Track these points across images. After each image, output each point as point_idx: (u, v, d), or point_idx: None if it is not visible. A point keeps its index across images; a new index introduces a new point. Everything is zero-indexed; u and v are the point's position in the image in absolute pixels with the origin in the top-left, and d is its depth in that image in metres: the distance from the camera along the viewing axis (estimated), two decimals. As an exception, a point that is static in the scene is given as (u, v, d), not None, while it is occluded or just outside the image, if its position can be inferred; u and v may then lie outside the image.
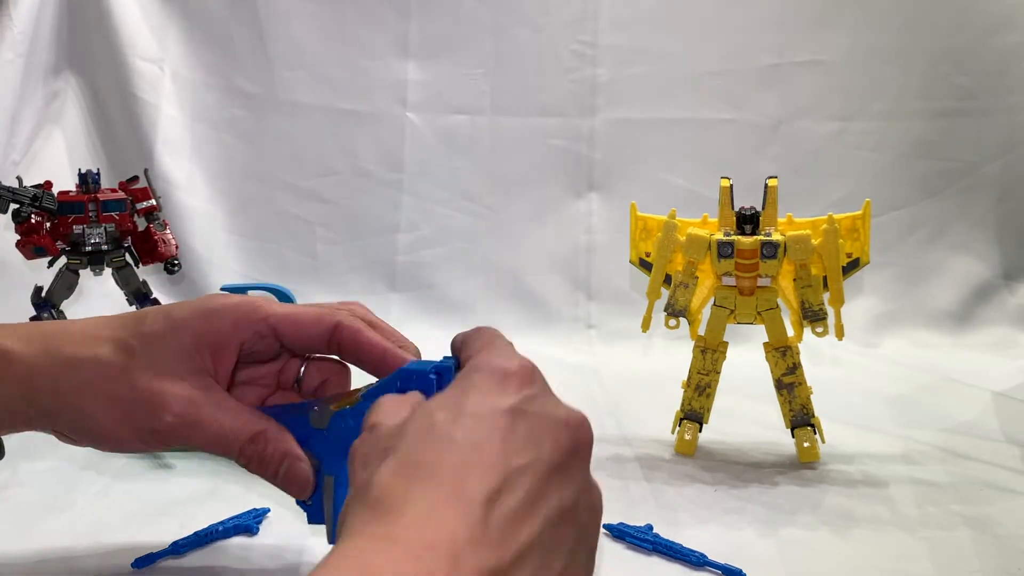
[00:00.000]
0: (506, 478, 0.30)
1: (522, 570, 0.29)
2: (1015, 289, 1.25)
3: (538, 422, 0.33)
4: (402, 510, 0.29)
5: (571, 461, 0.34)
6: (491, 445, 0.31)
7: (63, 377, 0.45)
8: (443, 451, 0.31)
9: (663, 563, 0.58)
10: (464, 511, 0.29)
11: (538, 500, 0.31)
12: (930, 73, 1.25)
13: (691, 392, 0.78)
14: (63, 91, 1.29)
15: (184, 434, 0.45)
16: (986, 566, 0.58)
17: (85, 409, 0.45)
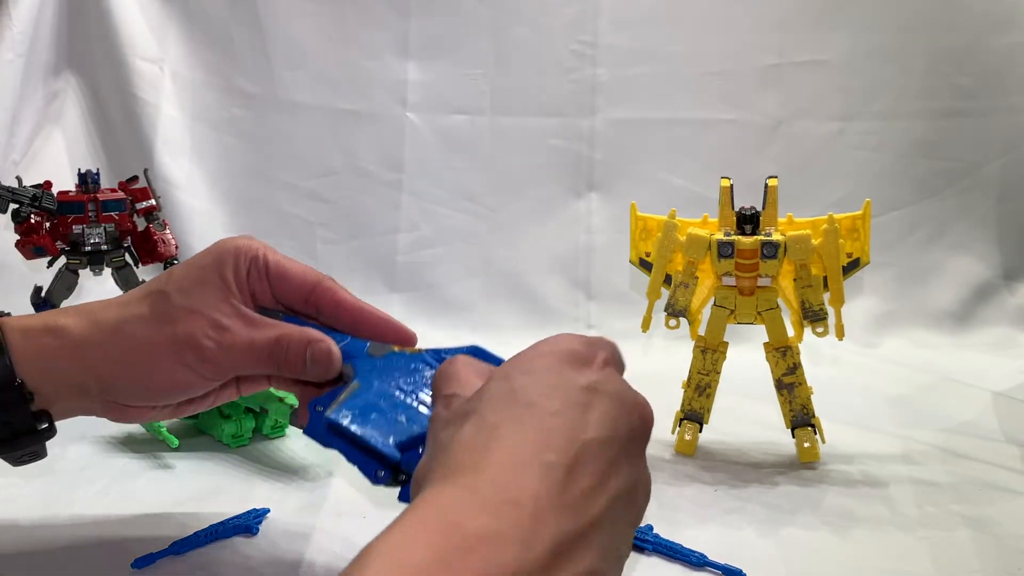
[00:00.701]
0: (584, 449, 0.31)
1: (591, 540, 0.30)
2: (1015, 289, 1.25)
3: (613, 402, 0.34)
4: (484, 466, 0.29)
5: (637, 444, 0.35)
6: (571, 416, 0.32)
7: (111, 343, 0.48)
8: (525, 415, 0.32)
9: (663, 563, 0.58)
10: (545, 475, 0.29)
11: (609, 476, 0.32)
12: (930, 73, 1.25)
13: (691, 392, 0.78)
14: (63, 91, 1.29)
15: (225, 356, 0.49)
16: (986, 566, 0.58)
17: (137, 364, 0.48)
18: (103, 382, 0.49)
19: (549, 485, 0.29)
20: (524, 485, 0.29)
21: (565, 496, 0.29)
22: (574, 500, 0.29)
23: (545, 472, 0.29)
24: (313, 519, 0.63)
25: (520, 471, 0.29)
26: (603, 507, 0.31)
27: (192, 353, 0.48)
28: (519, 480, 0.29)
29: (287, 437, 0.79)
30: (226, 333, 0.48)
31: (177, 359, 0.48)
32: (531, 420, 0.31)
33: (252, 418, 0.77)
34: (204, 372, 0.49)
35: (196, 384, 0.50)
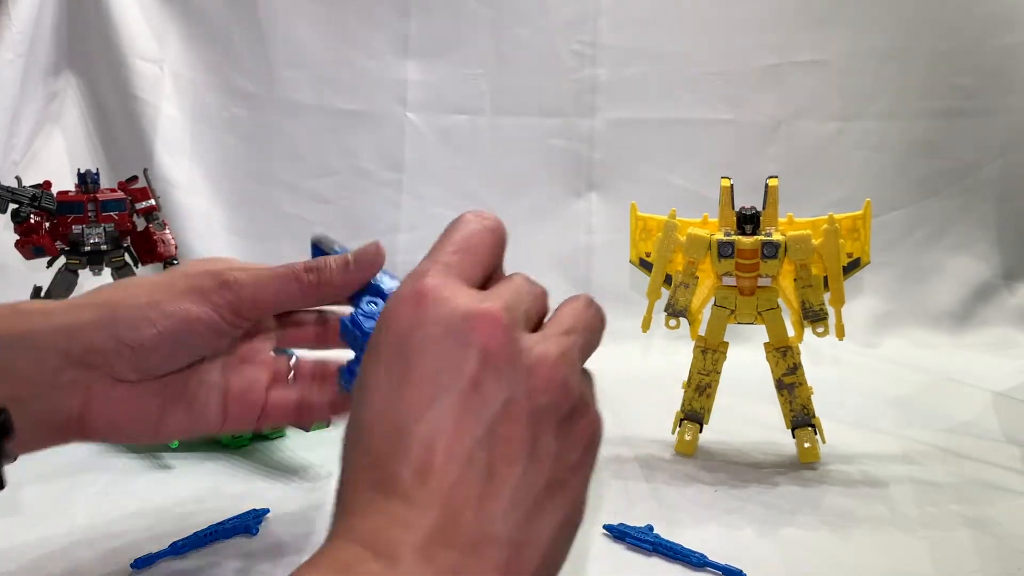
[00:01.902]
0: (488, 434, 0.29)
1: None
2: (1015, 289, 1.25)
3: (505, 387, 0.30)
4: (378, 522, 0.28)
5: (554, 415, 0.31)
6: (456, 425, 0.29)
7: (105, 290, 0.43)
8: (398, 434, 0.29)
9: (663, 564, 0.58)
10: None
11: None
12: (930, 73, 1.25)
13: (691, 392, 0.77)
14: (63, 91, 1.29)
15: (252, 289, 0.43)
16: (986, 566, 0.58)
17: (141, 293, 0.42)
18: (98, 330, 0.42)
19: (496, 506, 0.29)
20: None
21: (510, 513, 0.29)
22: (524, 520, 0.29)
23: (483, 551, 0.28)
24: (313, 519, 0.63)
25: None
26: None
27: (210, 279, 0.43)
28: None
29: (287, 437, 0.79)
30: (245, 268, 0.44)
31: (191, 287, 0.43)
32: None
33: (252, 418, 0.77)
34: (221, 301, 0.43)
35: (212, 324, 0.43)
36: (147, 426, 0.45)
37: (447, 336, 0.30)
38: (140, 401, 0.44)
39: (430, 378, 0.29)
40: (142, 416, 0.45)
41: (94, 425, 0.44)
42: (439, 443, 0.28)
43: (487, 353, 0.30)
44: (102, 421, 0.43)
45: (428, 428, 0.29)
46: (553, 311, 0.35)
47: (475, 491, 0.28)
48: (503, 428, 0.29)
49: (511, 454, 0.29)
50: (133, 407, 0.44)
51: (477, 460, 0.29)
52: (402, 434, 0.29)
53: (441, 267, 0.32)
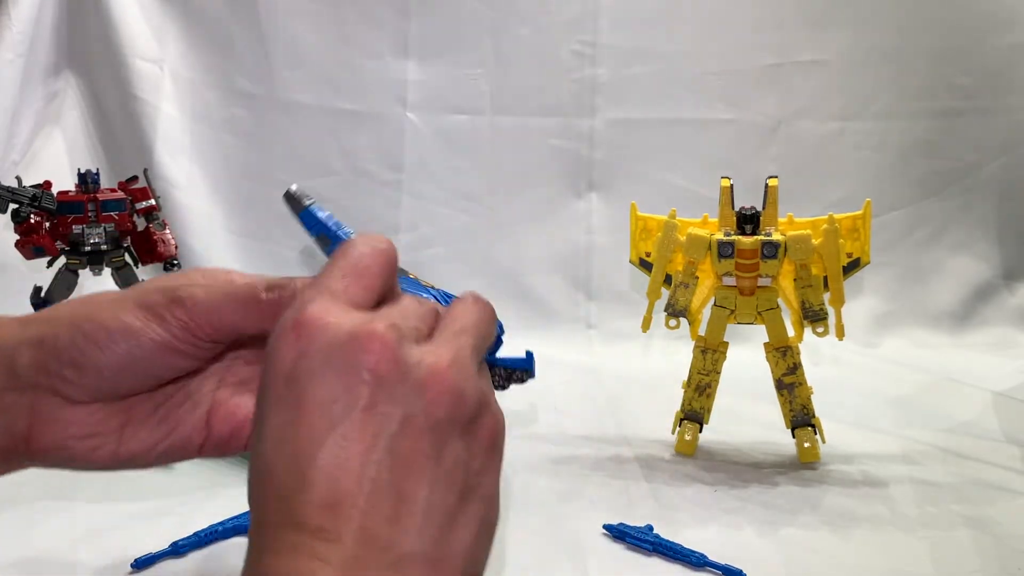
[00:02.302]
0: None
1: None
2: (1015, 289, 1.25)
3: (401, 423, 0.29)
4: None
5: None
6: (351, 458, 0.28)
7: (58, 311, 0.40)
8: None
9: (663, 564, 0.58)
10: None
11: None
12: (930, 73, 1.25)
13: (691, 392, 0.77)
14: (63, 91, 1.29)
15: (205, 308, 0.39)
16: (986, 566, 0.58)
17: (91, 313, 0.39)
18: (40, 349, 0.39)
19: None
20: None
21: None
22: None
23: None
24: (313, 519, 0.63)
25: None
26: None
27: (161, 294, 0.39)
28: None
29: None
30: (207, 286, 0.40)
31: (139, 303, 0.39)
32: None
33: (252, 418, 0.77)
34: (171, 319, 0.39)
35: (163, 342, 0.39)
36: (104, 448, 0.41)
37: (333, 362, 0.30)
38: (94, 420, 0.41)
39: (322, 407, 0.29)
40: (98, 437, 0.41)
41: (42, 447, 0.40)
42: (342, 472, 0.28)
43: (377, 374, 0.29)
44: (51, 442, 0.40)
45: (329, 459, 0.28)
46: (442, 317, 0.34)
47: (386, 514, 0.28)
48: (404, 447, 0.29)
49: (417, 471, 0.29)
50: (86, 427, 0.41)
51: (383, 483, 0.28)
52: (304, 468, 0.29)
53: (326, 294, 0.32)
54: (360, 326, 0.30)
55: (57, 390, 0.40)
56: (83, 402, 0.40)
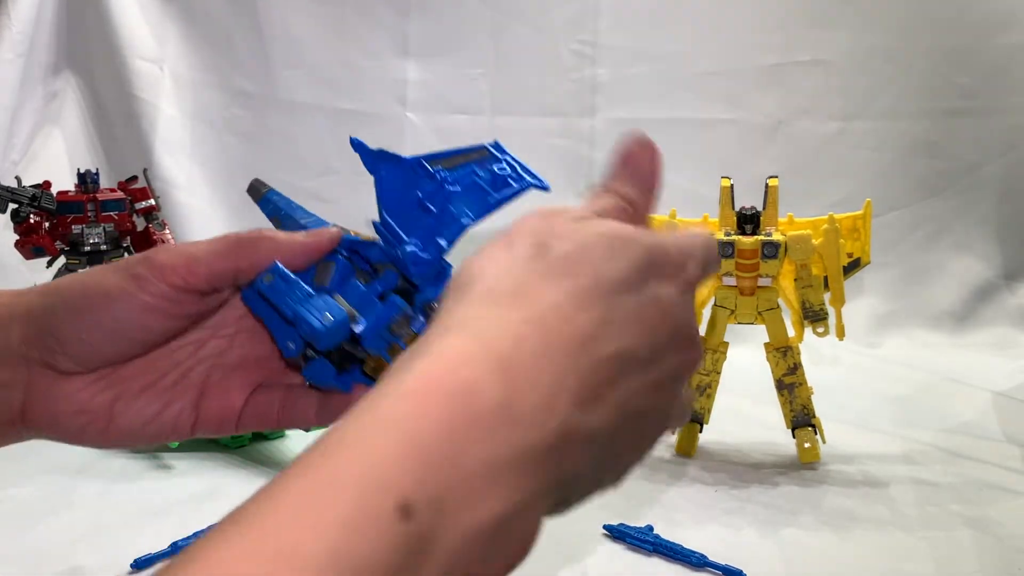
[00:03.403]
0: (620, 364, 0.29)
1: (588, 447, 0.28)
2: (1015, 289, 1.25)
3: (673, 333, 0.31)
4: (512, 336, 0.28)
5: (676, 379, 0.32)
6: (623, 327, 0.29)
7: (42, 288, 0.41)
8: (576, 303, 0.29)
9: (664, 564, 0.58)
10: (568, 371, 0.28)
11: (632, 396, 0.29)
12: (930, 73, 1.25)
13: (691, 392, 0.78)
14: (62, 91, 1.29)
15: (179, 261, 0.41)
16: (986, 566, 0.58)
17: (74, 286, 0.40)
18: (27, 323, 0.40)
19: (571, 377, 0.27)
20: (544, 367, 0.27)
21: (585, 396, 0.28)
22: (592, 405, 0.28)
23: (573, 362, 0.28)
24: (313, 519, 0.63)
25: (545, 351, 0.27)
26: (620, 422, 0.29)
27: (135, 258, 0.41)
28: (540, 360, 0.27)
29: (287, 438, 0.79)
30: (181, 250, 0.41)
31: (115, 267, 0.41)
32: (585, 303, 0.29)
33: (252, 418, 0.77)
34: (143, 271, 0.40)
35: (141, 301, 0.40)
36: (95, 424, 0.42)
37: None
38: (85, 395, 0.42)
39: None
40: (88, 413, 0.42)
41: (36, 422, 0.41)
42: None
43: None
44: (44, 418, 0.41)
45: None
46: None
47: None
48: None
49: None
50: (77, 402, 0.41)
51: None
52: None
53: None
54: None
55: (48, 362, 0.40)
56: (74, 373, 0.41)
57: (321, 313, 0.40)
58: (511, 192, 0.41)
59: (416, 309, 0.42)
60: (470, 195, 0.42)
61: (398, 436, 0.24)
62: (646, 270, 0.31)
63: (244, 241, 0.41)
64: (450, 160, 0.43)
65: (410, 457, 0.24)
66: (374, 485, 0.24)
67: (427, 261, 0.42)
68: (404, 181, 0.44)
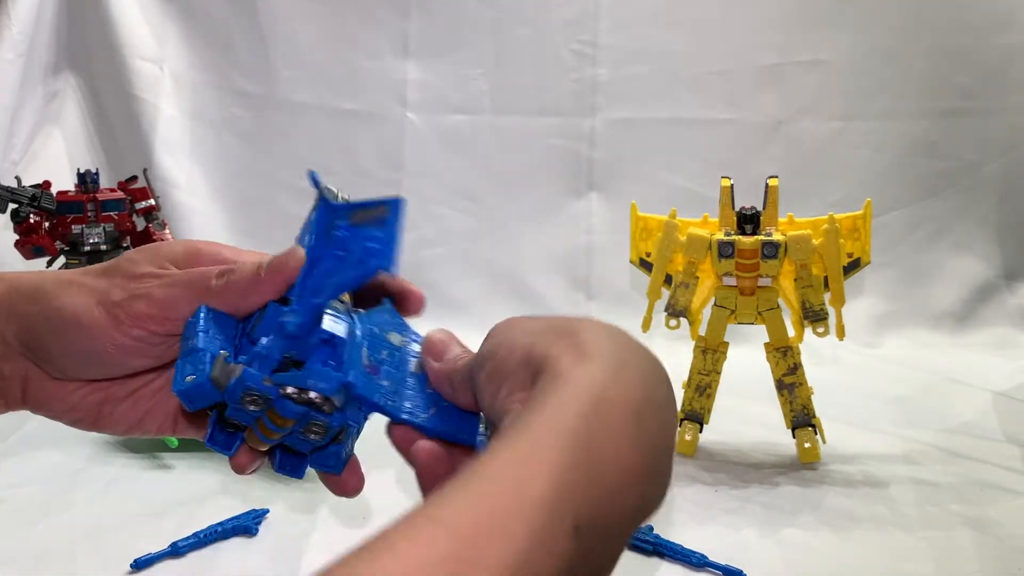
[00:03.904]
0: (607, 528, 0.28)
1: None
2: (1015, 289, 1.25)
3: (649, 483, 0.31)
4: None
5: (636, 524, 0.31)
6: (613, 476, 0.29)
7: (37, 282, 0.41)
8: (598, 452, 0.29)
9: (663, 564, 0.58)
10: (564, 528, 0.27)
11: (613, 552, 0.30)
12: (930, 73, 1.25)
13: (691, 392, 0.77)
14: (62, 91, 1.29)
15: (159, 304, 0.40)
16: (986, 566, 0.58)
17: (61, 295, 0.40)
18: (22, 325, 0.41)
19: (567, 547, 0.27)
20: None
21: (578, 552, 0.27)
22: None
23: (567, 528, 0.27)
24: (312, 519, 0.63)
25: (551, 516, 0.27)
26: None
27: (121, 292, 0.40)
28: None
29: (287, 437, 0.79)
30: (163, 279, 0.40)
31: (103, 304, 0.40)
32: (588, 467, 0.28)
33: (252, 418, 0.77)
34: (123, 316, 0.40)
35: (121, 344, 0.40)
36: (85, 421, 0.43)
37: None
38: (76, 396, 0.43)
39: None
40: (79, 411, 0.43)
41: (36, 409, 0.43)
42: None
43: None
44: (41, 409, 0.43)
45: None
46: None
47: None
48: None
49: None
50: (68, 402, 0.43)
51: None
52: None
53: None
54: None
55: (39, 365, 0.42)
56: (60, 380, 0.42)
57: (184, 374, 0.36)
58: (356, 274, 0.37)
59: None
60: (338, 267, 0.37)
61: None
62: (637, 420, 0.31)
63: (211, 291, 0.40)
64: (361, 214, 0.38)
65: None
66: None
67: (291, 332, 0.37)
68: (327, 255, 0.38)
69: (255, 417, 0.37)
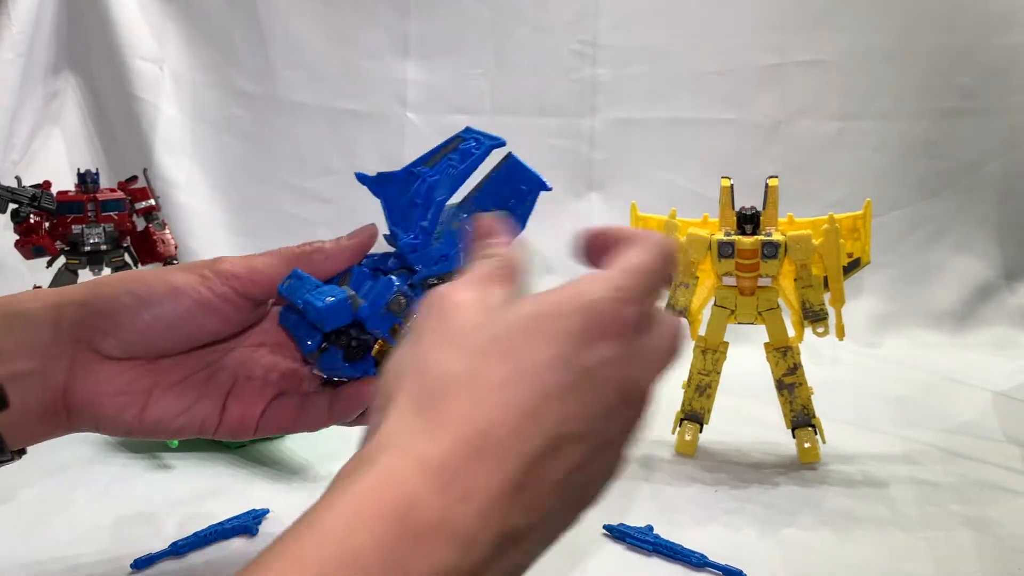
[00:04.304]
0: (557, 445, 0.28)
1: (536, 532, 0.29)
2: (1015, 289, 1.25)
3: (614, 394, 0.30)
4: (441, 438, 0.27)
5: (624, 436, 0.32)
6: (555, 402, 0.28)
7: (96, 281, 0.45)
8: (506, 388, 0.28)
9: (663, 564, 0.58)
10: (502, 467, 0.27)
11: (576, 471, 0.30)
12: (930, 73, 1.25)
13: (691, 392, 0.77)
14: (62, 91, 1.29)
15: (242, 267, 0.45)
16: (986, 566, 0.58)
17: (132, 281, 0.44)
18: (84, 307, 0.43)
19: (503, 480, 0.27)
20: (478, 476, 0.27)
21: (520, 495, 0.27)
22: (528, 500, 0.28)
23: (503, 464, 0.27)
24: (313, 519, 0.63)
25: (477, 458, 0.27)
26: (558, 503, 0.29)
27: (208, 267, 0.44)
28: (473, 469, 0.27)
29: (287, 437, 0.79)
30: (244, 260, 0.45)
31: (181, 267, 0.44)
32: (510, 396, 0.28)
33: (252, 418, 0.77)
34: (210, 274, 0.44)
35: (201, 299, 0.43)
36: (131, 408, 0.45)
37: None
38: (125, 379, 0.44)
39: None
40: (127, 395, 0.44)
41: (77, 401, 0.43)
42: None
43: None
44: (85, 396, 0.43)
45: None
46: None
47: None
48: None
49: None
50: (117, 384, 0.44)
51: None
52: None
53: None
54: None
55: (95, 345, 0.43)
56: (117, 358, 0.44)
57: (324, 296, 0.43)
58: (472, 160, 0.46)
59: (417, 288, 0.46)
60: (445, 177, 0.47)
61: (336, 550, 0.24)
62: (578, 341, 0.30)
63: (299, 255, 0.46)
64: (432, 158, 0.49)
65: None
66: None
67: (416, 244, 0.46)
68: (399, 191, 0.49)
69: (391, 323, 0.44)
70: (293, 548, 0.25)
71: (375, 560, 0.24)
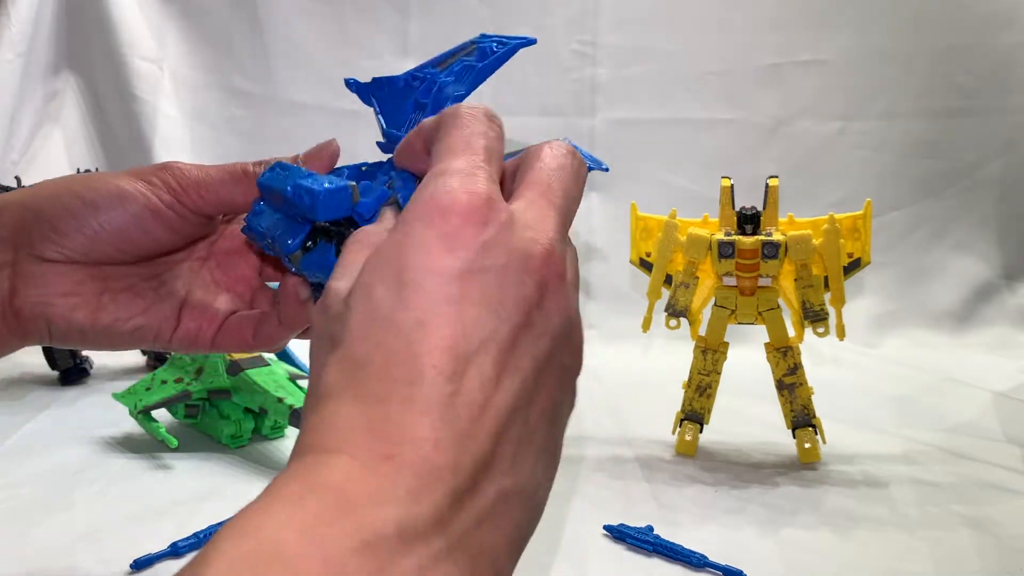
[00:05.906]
0: (464, 358, 0.26)
1: (505, 448, 0.26)
2: (1016, 289, 1.25)
3: (495, 280, 0.27)
4: (351, 421, 0.25)
5: (539, 308, 0.28)
6: (440, 323, 0.26)
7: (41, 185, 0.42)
8: (387, 341, 0.26)
9: (663, 564, 0.58)
10: (421, 410, 0.25)
11: (505, 371, 0.27)
12: (930, 73, 1.25)
13: (692, 392, 0.77)
14: (62, 90, 1.29)
15: (195, 173, 0.42)
16: (986, 566, 0.58)
17: (75, 181, 0.42)
18: (24, 209, 0.41)
19: (430, 420, 0.25)
20: (400, 432, 0.25)
21: (453, 424, 0.25)
22: (465, 424, 0.25)
23: (421, 407, 0.25)
24: (313, 519, 0.63)
25: (391, 419, 0.25)
26: (508, 406, 0.26)
27: (152, 167, 0.42)
28: (391, 428, 0.25)
29: (286, 438, 0.79)
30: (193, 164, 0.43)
31: (129, 172, 0.42)
32: (395, 344, 0.26)
33: (251, 419, 0.77)
34: (159, 181, 0.41)
35: (149, 204, 0.41)
36: (83, 308, 0.43)
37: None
38: (73, 279, 0.42)
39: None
40: (77, 296, 0.43)
41: (26, 305, 0.42)
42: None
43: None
44: (32, 298, 0.42)
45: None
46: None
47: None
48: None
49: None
50: (65, 285, 0.42)
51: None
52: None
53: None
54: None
55: (36, 251, 0.42)
56: (60, 262, 0.42)
57: (323, 182, 0.39)
58: (494, 57, 0.43)
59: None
60: (460, 77, 0.43)
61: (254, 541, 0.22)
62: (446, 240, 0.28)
63: (252, 175, 0.44)
64: (444, 62, 0.45)
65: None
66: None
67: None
68: (401, 95, 0.44)
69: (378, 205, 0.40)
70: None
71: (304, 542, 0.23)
